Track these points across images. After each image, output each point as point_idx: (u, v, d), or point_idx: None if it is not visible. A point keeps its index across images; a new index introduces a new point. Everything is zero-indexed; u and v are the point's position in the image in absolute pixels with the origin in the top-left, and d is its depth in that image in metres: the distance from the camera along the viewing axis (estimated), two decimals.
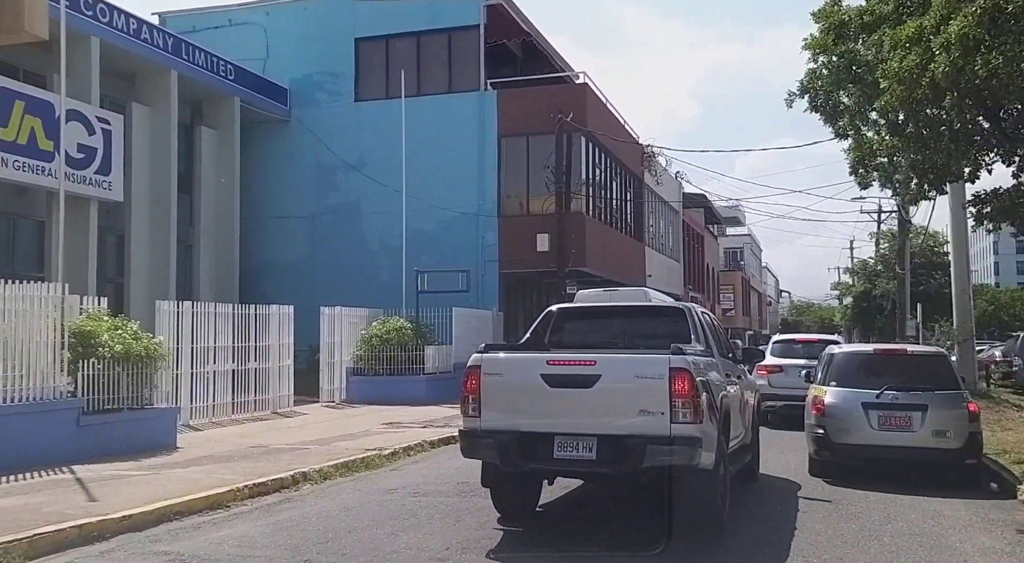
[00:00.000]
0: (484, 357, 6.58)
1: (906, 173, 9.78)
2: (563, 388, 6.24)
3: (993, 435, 12.07)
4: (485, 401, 6.43)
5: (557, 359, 6.54)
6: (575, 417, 6.23)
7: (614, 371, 6.22)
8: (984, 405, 15.90)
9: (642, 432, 5.97)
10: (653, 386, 5.97)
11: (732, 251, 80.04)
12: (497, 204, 23.08)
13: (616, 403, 6.13)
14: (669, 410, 5.91)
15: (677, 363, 5.97)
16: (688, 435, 5.91)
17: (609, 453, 6.04)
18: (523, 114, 22.65)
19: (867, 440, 9.15)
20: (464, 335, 20.42)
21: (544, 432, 6.25)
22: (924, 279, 45.64)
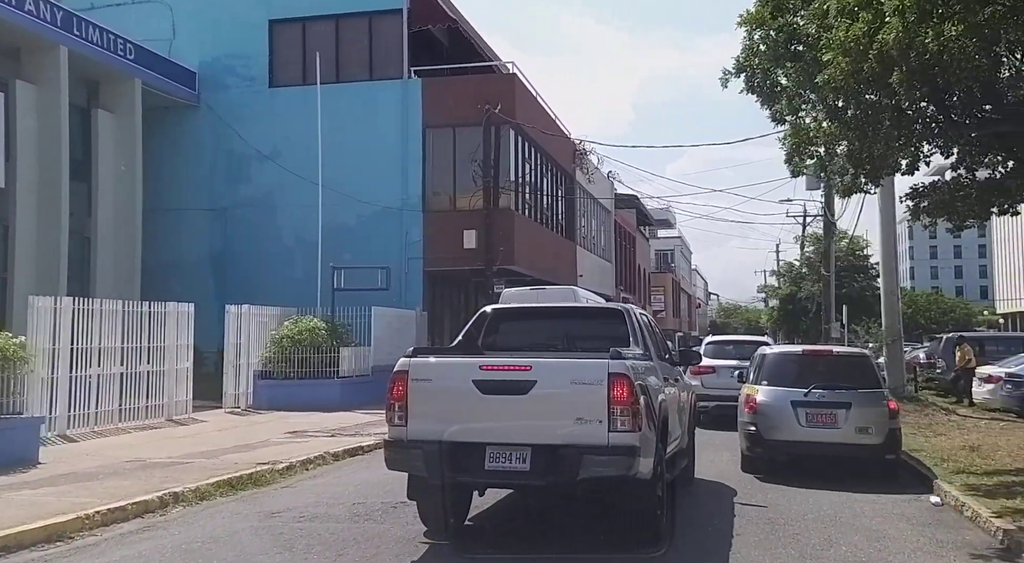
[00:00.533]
0: (412, 362, 6.19)
1: (842, 163, 9.08)
2: (496, 395, 5.95)
3: (928, 442, 11.61)
4: (412, 409, 6.07)
5: (491, 364, 6.23)
6: (508, 426, 5.94)
7: (550, 377, 5.95)
8: (913, 409, 15.61)
9: (578, 441, 5.71)
10: (591, 392, 5.73)
11: (663, 253, 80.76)
12: (422, 198, 21.98)
13: (552, 411, 5.88)
14: (607, 418, 5.67)
15: (616, 368, 5.74)
16: (626, 444, 5.68)
17: (543, 464, 5.78)
18: (449, 104, 21.62)
19: (796, 436, 9.49)
20: (384, 336, 19.31)
21: (475, 442, 5.94)
22: (847, 282, 46.45)
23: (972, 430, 13.11)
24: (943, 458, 9.87)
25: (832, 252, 36.12)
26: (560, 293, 9.17)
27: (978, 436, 12.22)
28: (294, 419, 15.20)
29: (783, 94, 8.39)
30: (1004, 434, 12.54)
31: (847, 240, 46.79)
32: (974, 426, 13.78)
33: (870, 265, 53.72)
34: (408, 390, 6.07)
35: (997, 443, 11.31)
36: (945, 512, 7.58)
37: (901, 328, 17.50)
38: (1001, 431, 13.03)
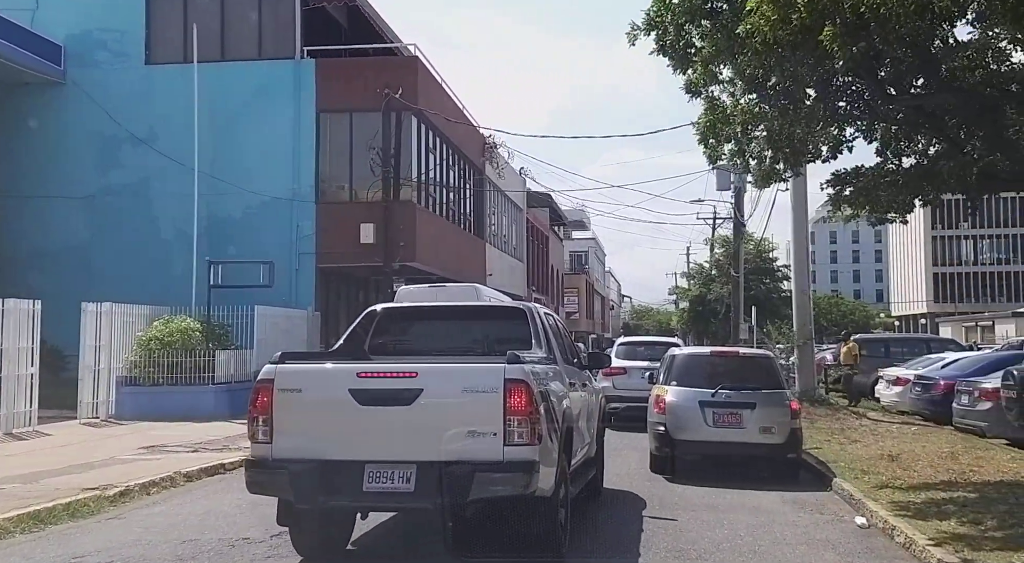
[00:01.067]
0: (279, 369, 5.52)
1: (761, 147, 8.17)
2: (377, 406, 5.32)
3: (843, 450, 10.88)
4: (279, 423, 5.39)
5: (369, 371, 5.55)
6: (391, 441, 5.32)
7: (439, 384, 5.35)
8: (824, 412, 15.04)
9: (470, 457, 5.16)
10: (484, 401, 5.20)
11: (577, 254, 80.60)
12: (315, 189, 20.34)
13: (440, 423, 5.28)
14: (503, 429, 5.14)
15: (513, 373, 5.20)
16: (524, 459, 5.16)
17: (430, 484, 5.18)
18: (345, 88, 20.08)
19: (703, 437, 9.63)
20: (270, 338, 17.58)
21: (352, 460, 5.29)
22: (754, 284, 46.98)
23: (886, 436, 12.53)
24: (863, 470, 9.09)
25: (741, 253, 36.16)
26: (462, 291, 8.66)
27: (893, 443, 11.61)
28: (157, 431, 13.48)
29: (698, 58, 7.37)
30: (919, 440, 11.98)
31: (755, 243, 47.38)
32: (887, 431, 13.24)
33: (777, 268, 54.74)
34: (273, 402, 5.38)
35: (915, 451, 10.67)
36: (874, 537, 6.67)
37: (812, 329, 16.98)
38: (915, 437, 12.50)
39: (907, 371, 17.42)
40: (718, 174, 35.98)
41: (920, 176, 8.17)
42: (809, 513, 7.58)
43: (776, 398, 9.77)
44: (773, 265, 53.91)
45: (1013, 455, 10.27)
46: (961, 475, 8.70)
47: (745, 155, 8.56)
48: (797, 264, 16.73)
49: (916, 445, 11.33)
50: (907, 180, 8.26)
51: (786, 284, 57.06)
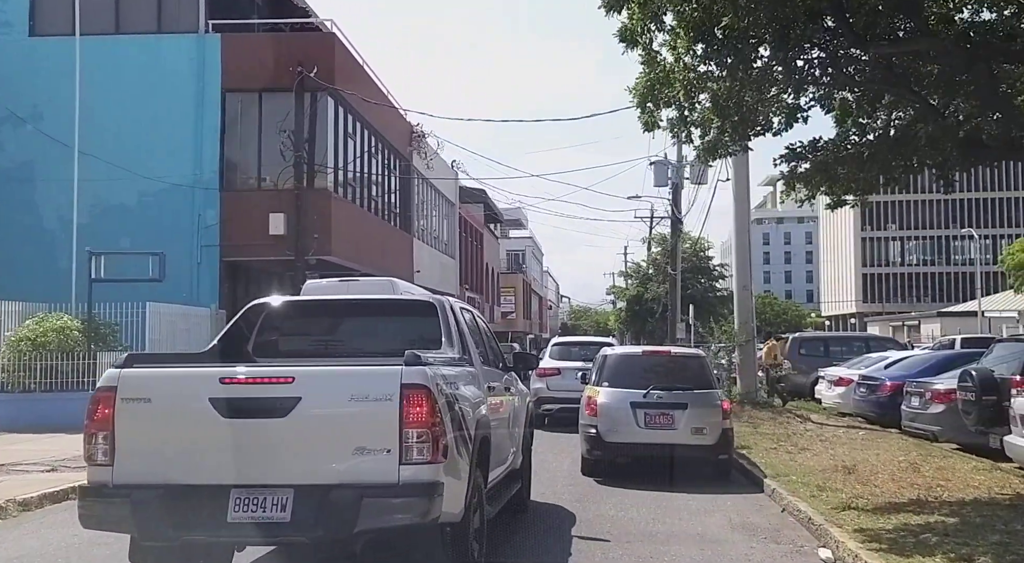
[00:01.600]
0: (123, 374, 4.68)
1: (705, 114, 6.96)
2: (245, 418, 4.52)
3: (793, 460, 9.79)
4: (122, 440, 4.56)
5: (235, 376, 4.64)
6: (262, 461, 4.54)
7: (320, 391, 4.56)
8: (768, 416, 14.07)
9: (358, 479, 4.41)
10: (376, 411, 4.43)
11: (514, 253, 79.58)
12: (219, 175, 18.55)
13: (322, 438, 4.53)
14: (399, 445, 4.39)
15: (412, 377, 4.46)
16: (424, 480, 4.41)
17: (310, 512, 4.38)
18: (254, 65, 18.32)
19: (635, 438, 9.41)
20: (165, 339, 15.83)
21: (215, 484, 4.50)
22: (691, 283, 46.72)
23: (835, 442, 11.55)
24: (819, 486, 7.97)
25: (679, 250, 35.51)
26: (375, 286, 7.29)
27: (845, 450, 10.61)
28: (16, 445, 11.76)
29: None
30: (871, 447, 11.02)
31: (692, 242, 47.04)
32: (835, 437, 12.28)
33: (713, 267, 54.56)
34: (116, 414, 4.53)
35: (870, 460, 9.66)
36: None
37: (754, 327, 16.02)
38: (865, 443, 11.55)
39: (850, 371, 16.62)
40: (655, 170, 35.27)
41: (890, 147, 7.09)
42: (763, 542, 6.41)
43: (708, 398, 9.59)
44: (709, 264, 53.78)
45: (975, 465, 9.34)
46: (928, 491, 7.66)
47: (687, 123, 7.37)
48: (739, 257, 15.74)
49: (869, 453, 10.34)
50: (873, 153, 7.18)
51: (722, 283, 57.23)
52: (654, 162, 34.95)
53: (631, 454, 9.58)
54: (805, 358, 21.20)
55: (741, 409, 14.42)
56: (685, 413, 9.30)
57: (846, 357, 20.70)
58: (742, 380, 15.30)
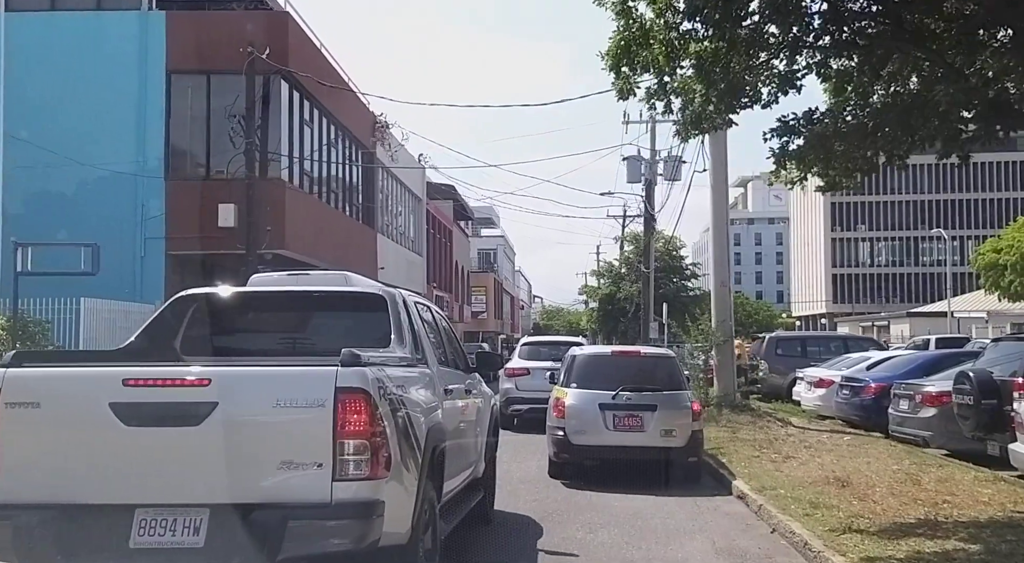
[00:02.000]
0: (7, 374, 3.97)
1: (687, 82, 6.03)
2: (151, 427, 3.86)
3: (779, 470, 8.92)
4: (5, 453, 3.88)
5: (141, 377, 3.97)
6: (172, 476, 3.89)
7: (240, 396, 3.92)
8: (747, 419, 13.23)
9: (283, 499, 3.78)
10: (306, 419, 3.81)
11: (486, 252, 78.71)
12: (164, 163, 17.35)
13: (242, 451, 3.87)
14: (332, 459, 3.76)
15: (349, 379, 3.84)
16: (362, 499, 3.81)
17: (227, 536, 3.74)
18: (202, 44, 17.14)
19: (603, 441, 9.20)
20: (102, 337, 14.64)
21: (116, 504, 3.83)
22: (663, 282, 46.13)
23: (821, 449, 10.72)
24: (812, 502, 7.07)
25: (652, 248, 34.83)
26: (328, 280, 6.61)
27: (833, 459, 9.77)
28: None
29: None
30: (860, 454, 10.19)
31: (664, 241, 46.41)
32: (819, 443, 11.46)
33: (686, 266, 54.01)
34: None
35: (862, 471, 8.82)
36: None
37: (733, 325, 15.19)
38: (853, 450, 10.73)
39: (830, 372, 15.87)
40: (628, 165, 34.50)
41: (899, 116, 6.21)
42: None
43: (677, 400, 9.36)
44: (682, 263, 53.23)
45: (976, 475, 8.53)
46: (935, 508, 6.82)
47: (667, 91, 6.44)
48: (716, 252, 14.83)
49: (859, 461, 9.50)
50: (879, 123, 6.30)
51: (694, 282, 56.69)
52: (627, 157, 34.20)
53: (599, 457, 9.32)
54: (782, 358, 20.49)
55: (719, 413, 13.58)
56: (654, 415, 9.09)
57: (824, 357, 20.02)
58: (719, 382, 14.45)
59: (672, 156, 33.12)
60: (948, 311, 55.75)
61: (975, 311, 56.04)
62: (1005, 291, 46.53)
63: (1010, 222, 51.99)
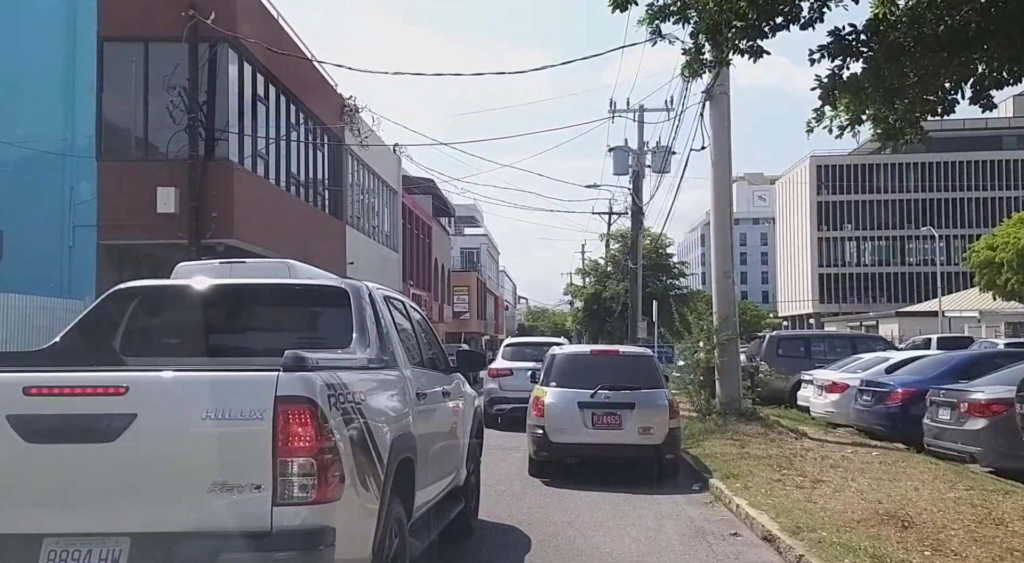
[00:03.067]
0: None
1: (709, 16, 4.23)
2: (59, 443, 3.39)
3: (809, 499, 7.16)
4: None
5: (44, 384, 3.43)
6: (85, 500, 3.38)
7: (163, 406, 3.43)
8: (757, 431, 11.48)
9: (216, 527, 3.30)
10: (242, 435, 3.33)
11: (469, 251, 77.08)
12: (96, 141, 15.44)
13: (166, 471, 3.38)
14: (272, 479, 3.31)
15: (292, 388, 3.36)
16: (308, 527, 3.33)
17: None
18: (137, 9, 15.25)
19: (582, 439, 9.30)
20: (15, 337, 12.77)
21: (19, 533, 3.38)
22: (651, 281, 44.41)
23: (851, 468, 8.98)
24: (874, 555, 5.27)
25: (640, 243, 33.09)
26: (267, 269, 5.70)
27: (870, 482, 8.03)
28: None
29: None
30: (899, 476, 8.44)
31: (651, 238, 44.62)
32: (844, 459, 9.71)
33: (673, 264, 52.37)
34: None
35: (914, 501, 7.07)
36: None
37: (737, 322, 13.41)
38: (887, 468, 9.00)
39: (844, 375, 14.18)
40: (615, 156, 32.75)
41: None
42: None
43: (655, 398, 9.46)
44: (670, 261, 51.59)
45: None
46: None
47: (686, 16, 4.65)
48: (718, 239, 12.96)
49: (905, 486, 7.75)
50: (989, 22, 4.51)
51: (682, 281, 55.02)
52: (613, 148, 32.41)
53: (578, 454, 9.45)
54: (784, 359, 18.82)
55: (723, 422, 11.84)
56: (632, 413, 9.22)
57: (830, 358, 18.38)
58: (723, 386, 12.63)
59: (661, 147, 31.52)
60: (939, 310, 54.53)
61: (967, 310, 54.86)
62: (1001, 289, 45.24)
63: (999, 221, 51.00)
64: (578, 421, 9.19)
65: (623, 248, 48.63)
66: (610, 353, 10.91)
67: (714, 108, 12.46)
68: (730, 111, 12.53)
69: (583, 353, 10.94)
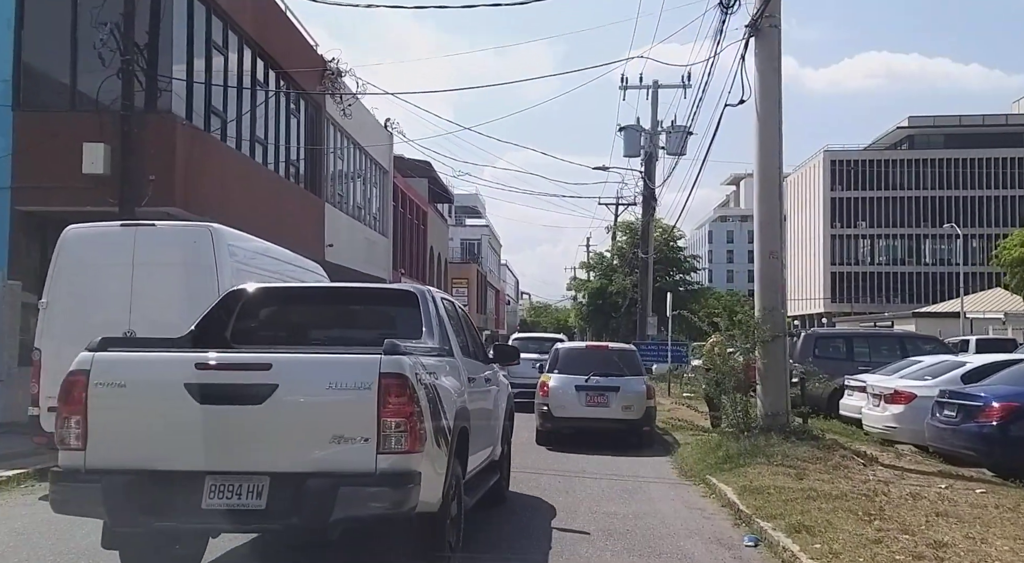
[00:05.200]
0: (96, 357, 4.56)
1: None
2: (221, 405, 4.47)
3: None
4: (95, 425, 4.49)
5: (211, 361, 4.57)
6: (238, 448, 4.49)
7: (298, 379, 4.50)
8: (811, 454, 8.95)
9: (334, 468, 4.37)
10: (354, 400, 4.40)
11: (469, 243, 74.73)
12: (13, 87, 13.02)
13: (299, 426, 4.47)
14: (376, 434, 4.36)
15: (391, 366, 4.42)
16: (402, 469, 4.39)
17: (285, 500, 4.35)
18: None
19: (578, 414, 11.93)
20: None
21: (189, 470, 4.45)
22: (660, 276, 41.75)
23: (964, 517, 6.41)
24: None
25: (651, 232, 30.48)
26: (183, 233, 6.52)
27: (1011, 546, 5.49)
28: None
29: None
30: None
31: (661, 230, 41.81)
32: (945, 500, 7.13)
33: (684, 258, 49.71)
34: (88, 398, 4.47)
35: None
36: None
37: (785, 314, 10.65)
38: (1014, 517, 6.46)
39: (910, 383, 11.62)
40: (625, 137, 30.11)
41: None
42: None
43: (635, 382, 12.08)
44: (681, 254, 49.00)
45: None
46: None
47: None
48: (764, 206, 9.88)
49: None
50: None
51: (693, 276, 52.40)
52: (624, 127, 29.73)
53: (575, 427, 11.93)
54: (821, 361, 16.13)
55: (767, 441, 9.28)
56: (617, 394, 11.82)
57: (876, 360, 15.87)
58: (766, 396, 9.90)
59: (677, 126, 28.93)
60: (961, 311, 51.85)
61: (990, 311, 52.19)
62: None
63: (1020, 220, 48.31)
64: (575, 400, 11.86)
65: (630, 240, 46.08)
66: (601, 348, 14.02)
67: (761, 46, 9.89)
68: (780, 50, 9.96)
69: (580, 347, 14.26)
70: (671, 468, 10.16)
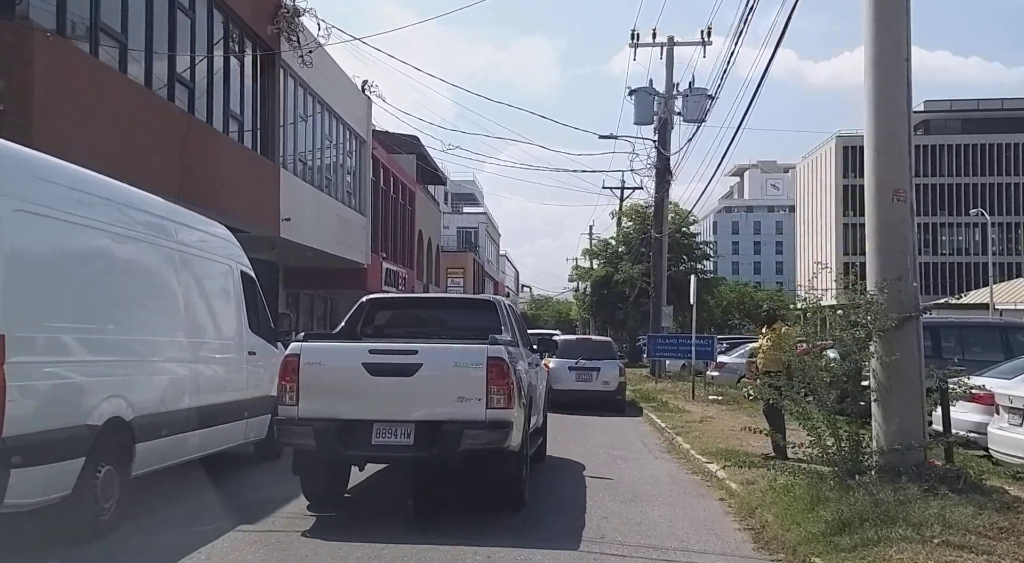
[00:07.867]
0: (304, 346, 7.05)
1: None
2: (384, 376, 6.87)
3: None
4: (304, 389, 6.90)
5: (380, 348, 7.11)
6: (395, 405, 6.89)
7: (435, 360, 6.97)
8: (995, 521, 5.33)
9: (459, 417, 6.78)
10: (471, 374, 6.80)
11: (466, 231, 71.17)
12: None
13: (435, 391, 6.89)
14: (485, 396, 6.75)
15: (493, 352, 6.86)
16: (502, 419, 6.82)
17: (427, 438, 6.77)
18: None
19: (571, 387, 17.16)
20: None
21: (364, 419, 6.85)
22: (672, 265, 37.76)
23: None
24: None
25: (665, 210, 26.86)
26: None
27: None
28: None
29: None
30: None
31: (675, 212, 37.91)
32: None
33: (697, 245, 45.99)
34: (300, 372, 6.90)
35: None
36: None
37: (918, 288, 6.92)
38: None
39: None
40: (636, 101, 26.27)
41: None
42: None
43: (612, 364, 17.99)
44: (694, 241, 45.28)
45: None
46: None
47: None
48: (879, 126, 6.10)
49: None
50: None
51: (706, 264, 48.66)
52: (635, 90, 25.96)
53: (568, 396, 16.69)
54: None
55: (898, 495, 5.63)
56: (598, 373, 17.56)
57: (969, 358, 12.22)
58: (890, 415, 6.07)
59: (695, 89, 25.29)
60: (991, 301, 48.18)
61: (1022, 301, 48.60)
62: None
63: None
64: (569, 377, 17.32)
65: (638, 226, 42.40)
66: (587, 340, 21.41)
67: None
68: None
69: (573, 339, 21.27)
70: (735, 526, 6.78)
